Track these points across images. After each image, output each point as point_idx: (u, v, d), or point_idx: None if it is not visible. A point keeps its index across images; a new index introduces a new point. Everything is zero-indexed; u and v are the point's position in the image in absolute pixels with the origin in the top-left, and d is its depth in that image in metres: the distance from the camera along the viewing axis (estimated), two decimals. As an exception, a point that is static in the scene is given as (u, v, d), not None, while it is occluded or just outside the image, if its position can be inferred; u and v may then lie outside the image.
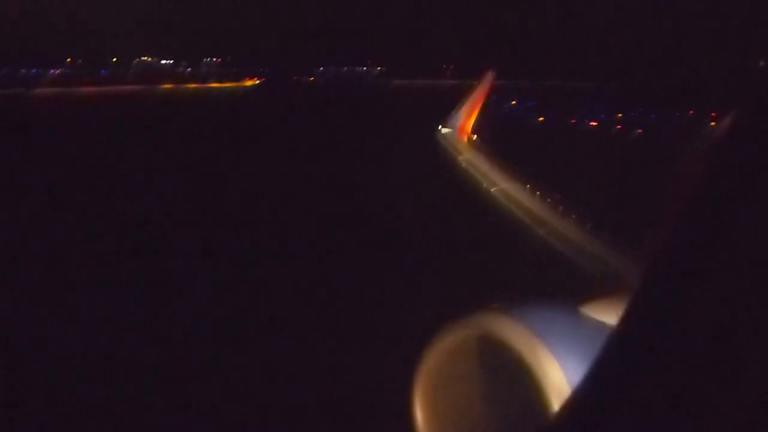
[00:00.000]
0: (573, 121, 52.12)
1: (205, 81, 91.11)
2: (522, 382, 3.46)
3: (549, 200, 10.64)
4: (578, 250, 8.13)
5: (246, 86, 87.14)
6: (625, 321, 1.56)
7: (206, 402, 12.19)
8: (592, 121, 54.64)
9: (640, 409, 1.40)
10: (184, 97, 73.16)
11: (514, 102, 60.31)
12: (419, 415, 3.67)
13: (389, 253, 19.98)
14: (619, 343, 1.56)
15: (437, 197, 22.63)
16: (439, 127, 17.32)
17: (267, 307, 15.71)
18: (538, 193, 11.28)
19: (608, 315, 3.84)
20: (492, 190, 12.16)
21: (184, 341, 13.99)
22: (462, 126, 17.66)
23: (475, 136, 16.90)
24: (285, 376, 13.15)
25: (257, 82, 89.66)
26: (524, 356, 3.44)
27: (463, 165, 14.09)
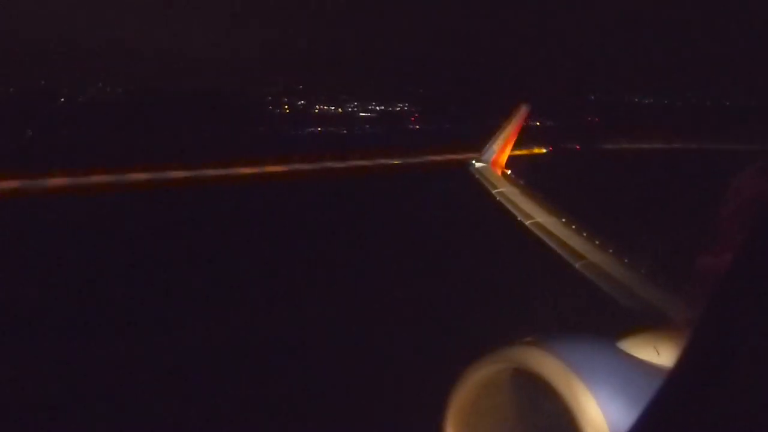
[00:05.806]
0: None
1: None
2: (557, 416, 3.39)
3: (585, 234, 10.50)
4: (615, 285, 7.98)
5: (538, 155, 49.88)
6: (684, 359, 1.46)
7: None
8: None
9: None
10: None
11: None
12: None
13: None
14: (677, 383, 1.45)
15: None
16: (473, 161, 17.43)
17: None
18: (573, 226, 11.15)
19: (646, 351, 3.75)
20: (527, 223, 12.08)
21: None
22: (496, 160, 17.71)
23: (510, 170, 16.91)
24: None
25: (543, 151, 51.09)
26: (559, 390, 3.37)
27: (498, 198, 14.07)
